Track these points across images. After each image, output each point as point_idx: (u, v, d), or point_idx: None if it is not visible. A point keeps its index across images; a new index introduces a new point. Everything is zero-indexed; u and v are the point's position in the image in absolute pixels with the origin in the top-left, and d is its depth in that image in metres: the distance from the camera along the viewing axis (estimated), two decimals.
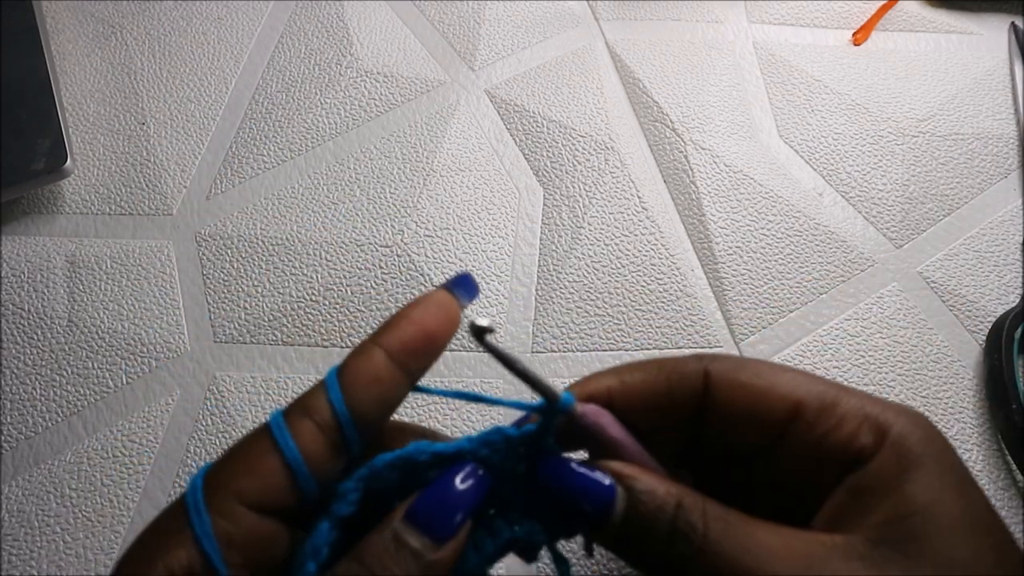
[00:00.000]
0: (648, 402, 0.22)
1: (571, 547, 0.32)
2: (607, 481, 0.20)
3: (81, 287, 0.40)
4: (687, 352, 0.38)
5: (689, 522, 0.19)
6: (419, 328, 0.21)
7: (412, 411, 0.36)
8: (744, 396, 0.21)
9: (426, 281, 0.40)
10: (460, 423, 0.36)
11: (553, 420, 0.21)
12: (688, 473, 0.25)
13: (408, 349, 0.21)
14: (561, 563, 0.23)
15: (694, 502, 0.20)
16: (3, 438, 0.36)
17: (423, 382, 0.22)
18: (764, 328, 0.38)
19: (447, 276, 0.40)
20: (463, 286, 0.22)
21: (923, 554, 0.18)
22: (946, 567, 0.18)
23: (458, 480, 0.20)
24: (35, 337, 0.39)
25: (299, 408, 0.20)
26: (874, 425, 0.20)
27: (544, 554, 0.26)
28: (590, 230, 0.41)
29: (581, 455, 0.22)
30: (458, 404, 0.36)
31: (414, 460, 0.21)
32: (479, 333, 0.20)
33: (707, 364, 0.22)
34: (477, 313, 0.39)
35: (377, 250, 0.41)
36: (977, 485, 0.20)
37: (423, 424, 0.36)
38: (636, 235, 0.41)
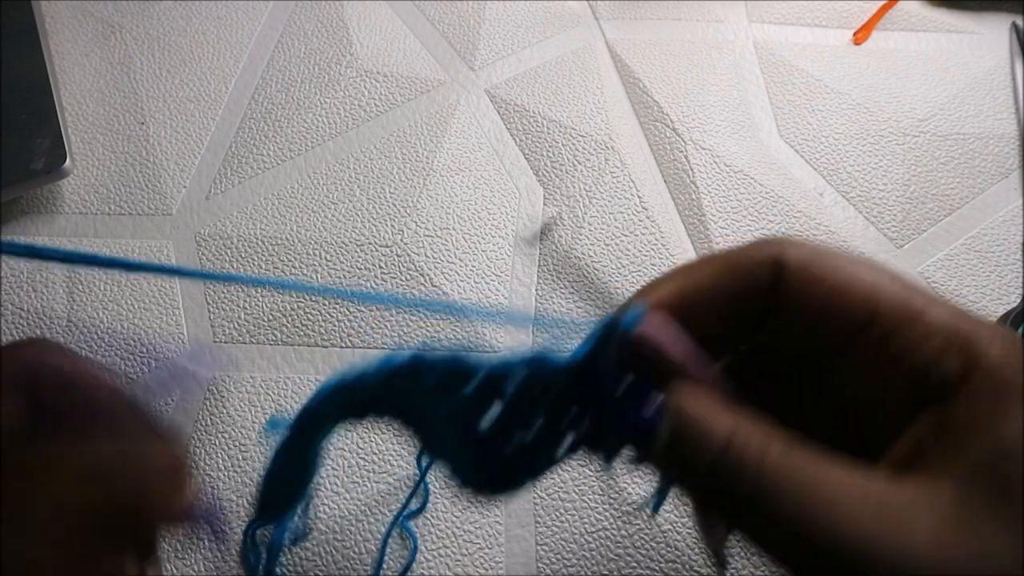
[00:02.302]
0: (717, 300, 0.20)
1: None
2: (651, 411, 0.18)
3: (81, 287, 0.40)
4: None
5: (740, 457, 0.17)
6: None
7: None
8: (821, 291, 0.19)
9: (426, 281, 0.40)
10: None
11: (608, 347, 0.19)
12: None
13: None
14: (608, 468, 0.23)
15: (750, 433, 0.17)
16: None
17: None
18: None
19: (447, 276, 0.40)
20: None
21: (1018, 503, 0.16)
22: None
23: None
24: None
25: None
26: (964, 347, 0.17)
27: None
28: (590, 230, 0.41)
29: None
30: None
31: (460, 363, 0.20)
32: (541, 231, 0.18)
33: (781, 251, 0.19)
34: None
35: (377, 250, 0.41)
36: None
37: None
38: (636, 235, 0.41)
